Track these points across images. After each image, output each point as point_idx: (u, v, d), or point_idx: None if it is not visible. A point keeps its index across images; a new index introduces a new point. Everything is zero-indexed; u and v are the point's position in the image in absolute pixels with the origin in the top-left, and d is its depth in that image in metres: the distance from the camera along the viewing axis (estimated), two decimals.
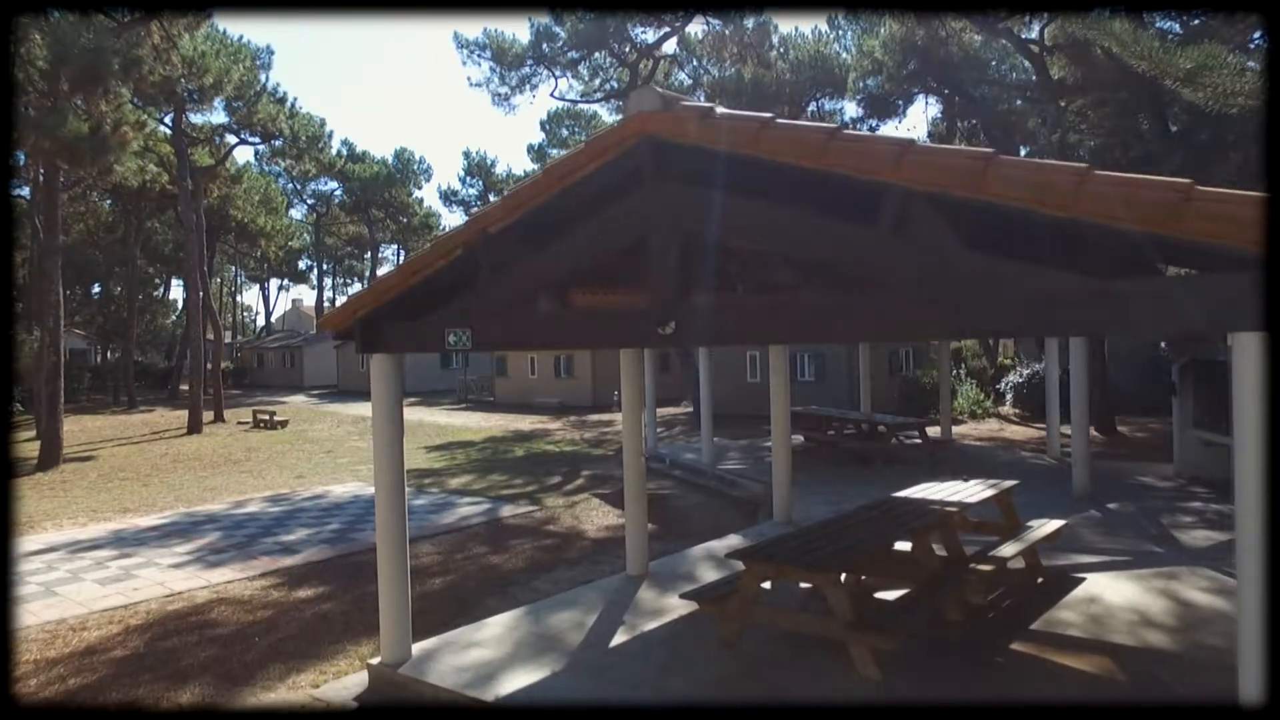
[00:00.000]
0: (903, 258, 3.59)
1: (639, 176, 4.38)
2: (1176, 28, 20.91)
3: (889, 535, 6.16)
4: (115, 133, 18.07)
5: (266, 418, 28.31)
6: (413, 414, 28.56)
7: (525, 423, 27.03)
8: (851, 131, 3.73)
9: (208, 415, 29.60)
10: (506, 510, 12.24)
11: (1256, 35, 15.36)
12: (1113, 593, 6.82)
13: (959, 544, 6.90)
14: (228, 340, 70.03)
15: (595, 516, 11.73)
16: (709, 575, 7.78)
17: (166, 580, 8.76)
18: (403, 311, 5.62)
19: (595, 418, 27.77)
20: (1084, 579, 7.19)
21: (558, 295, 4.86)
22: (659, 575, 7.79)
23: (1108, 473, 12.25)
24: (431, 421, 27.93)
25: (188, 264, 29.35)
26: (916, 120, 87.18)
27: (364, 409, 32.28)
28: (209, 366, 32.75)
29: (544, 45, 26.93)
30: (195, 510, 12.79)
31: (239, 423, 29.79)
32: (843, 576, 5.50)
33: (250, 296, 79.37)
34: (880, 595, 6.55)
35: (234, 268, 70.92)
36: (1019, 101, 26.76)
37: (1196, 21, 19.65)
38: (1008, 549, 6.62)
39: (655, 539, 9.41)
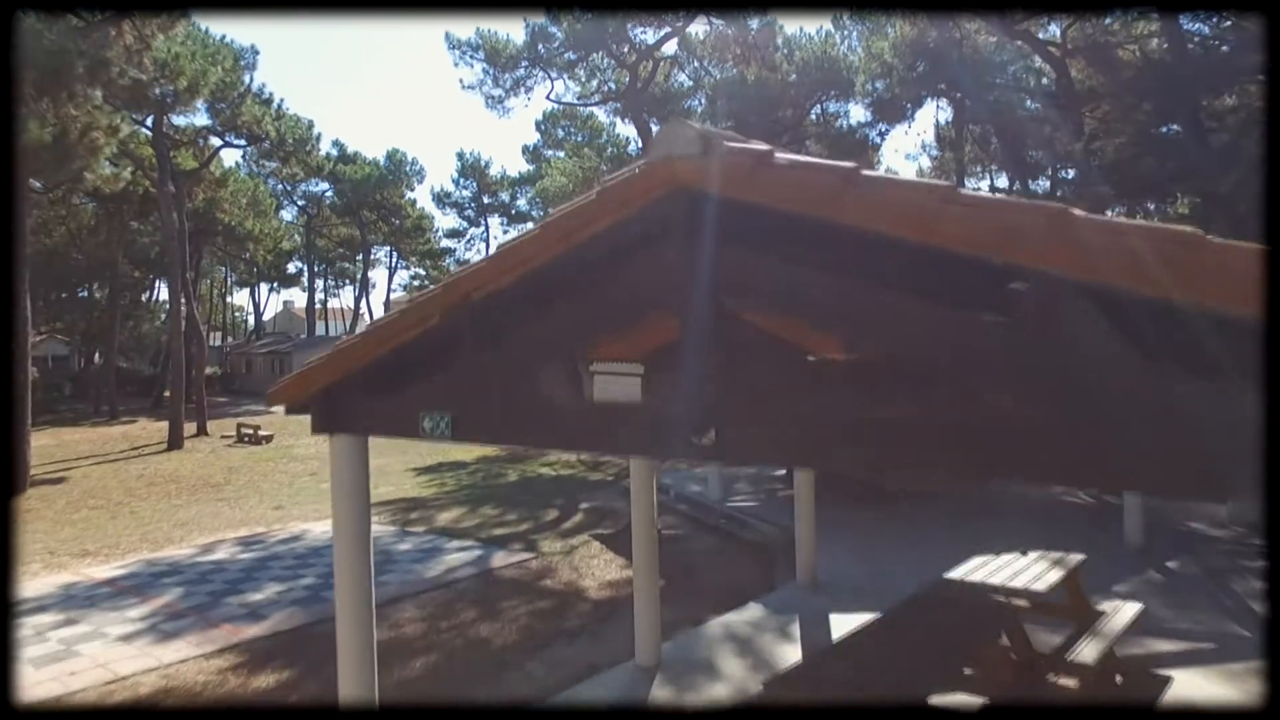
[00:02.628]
0: (1044, 370, 2.57)
1: (667, 234, 3.36)
2: (1205, 30, 19.99)
3: (954, 648, 5.14)
4: (83, 139, 16.97)
5: (250, 432, 27.23)
6: None
7: None
8: (969, 192, 2.70)
9: (190, 428, 28.52)
10: (499, 558, 11.20)
11: None
12: (1209, 700, 5.82)
13: (1029, 644, 5.90)
14: (217, 343, 68.83)
15: (595, 568, 10.70)
16: (731, 666, 6.78)
17: (111, 660, 7.69)
18: (371, 384, 4.58)
19: None
20: (1170, 679, 6.18)
21: (560, 379, 3.83)
22: (673, 665, 6.77)
23: (1150, 514, 11.24)
24: None
25: (170, 272, 28.26)
26: (925, 125, 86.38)
27: None
28: (193, 372, 31.61)
29: (540, 46, 25.84)
30: (159, 557, 11.72)
31: (222, 436, 28.69)
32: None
33: (242, 297, 77.86)
34: (938, 700, 5.52)
35: (224, 268, 69.63)
36: (1030, 103, 25.80)
37: (1228, 23, 18.71)
38: (1088, 651, 5.61)
39: (664, 598, 8.38)
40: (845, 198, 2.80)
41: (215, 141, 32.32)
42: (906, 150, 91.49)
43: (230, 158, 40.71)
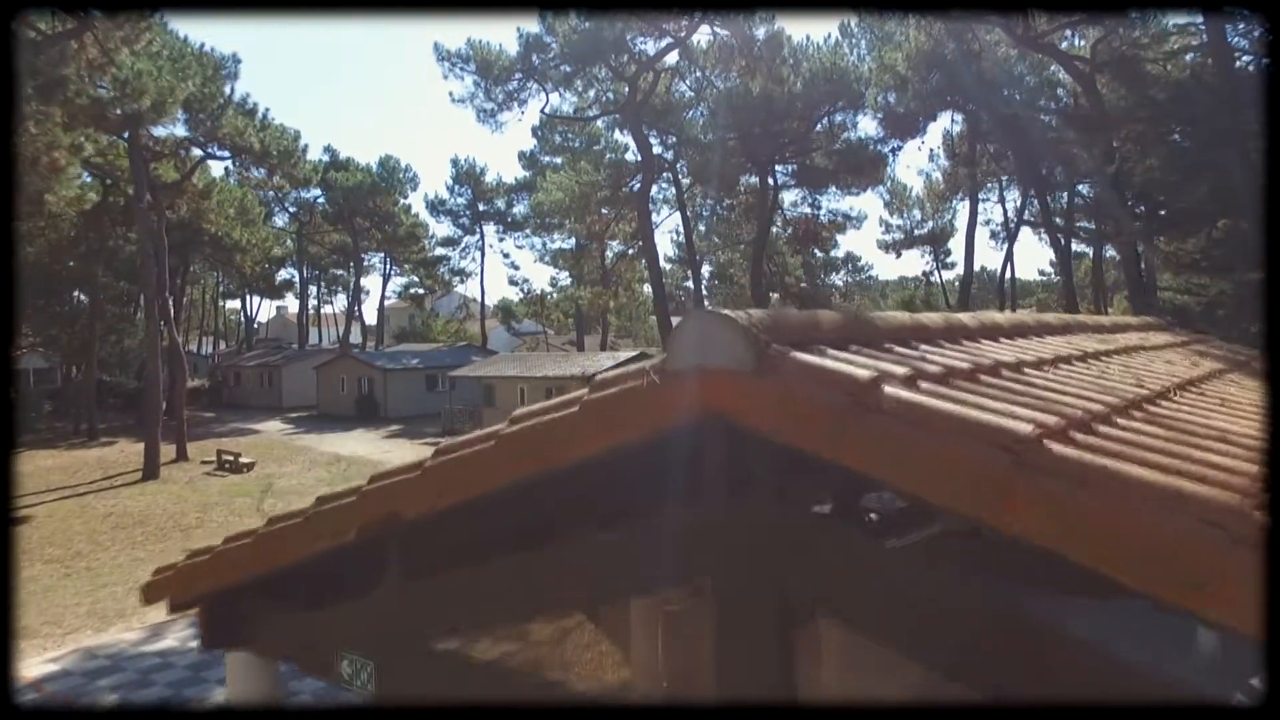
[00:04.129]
0: None
1: (690, 478, 2.14)
2: (1245, 44, 18.78)
3: None
4: (40, 161, 15.74)
5: (231, 459, 25.96)
6: (395, 448, 26.29)
7: None
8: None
9: (169, 452, 27.26)
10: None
11: None
12: None
13: None
14: (209, 350, 67.54)
15: (588, 662, 9.46)
16: None
17: None
18: (277, 593, 3.37)
19: None
20: None
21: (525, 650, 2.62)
22: None
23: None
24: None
25: (146, 293, 27.06)
26: (934, 137, 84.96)
27: (341, 444, 29.99)
28: (180, 382, 30.43)
29: (534, 57, 24.52)
30: (101, 644, 10.46)
31: (202, 462, 27.40)
32: None
33: (236, 301, 76.50)
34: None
35: (216, 274, 68.27)
36: (1048, 119, 24.64)
37: (1270, 38, 17.52)
38: None
39: None
40: (1019, 495, 1.57)
41: (197, 153, 31.07)
42: (919, 166, 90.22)
43: (218, 167, 39.41)
